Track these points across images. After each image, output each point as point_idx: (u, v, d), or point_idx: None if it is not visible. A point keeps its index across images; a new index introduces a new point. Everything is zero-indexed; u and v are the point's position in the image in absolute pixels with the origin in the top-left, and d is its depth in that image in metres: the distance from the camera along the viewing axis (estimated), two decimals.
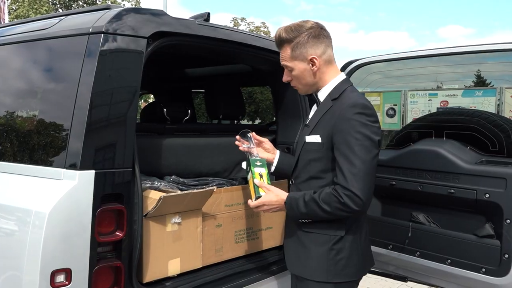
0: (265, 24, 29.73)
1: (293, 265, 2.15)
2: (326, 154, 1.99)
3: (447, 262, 2.58)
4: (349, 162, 1.88)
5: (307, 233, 2.06)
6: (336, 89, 2.07)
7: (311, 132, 2.07)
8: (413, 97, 10.28)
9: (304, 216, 2.01)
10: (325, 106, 2.06)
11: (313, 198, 1.94)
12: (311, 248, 2.05)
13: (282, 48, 2.07)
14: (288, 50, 2.05)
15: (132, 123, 1.99)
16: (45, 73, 2.23)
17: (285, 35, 2.04)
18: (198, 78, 4.23)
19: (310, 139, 2.05)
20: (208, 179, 2.77)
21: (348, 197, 1.87)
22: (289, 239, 2.18)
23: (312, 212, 1.96)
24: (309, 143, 2.06)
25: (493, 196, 2.41)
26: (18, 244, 1.85)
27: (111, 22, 1.96)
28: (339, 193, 1.88)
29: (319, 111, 2.08)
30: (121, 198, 1.95)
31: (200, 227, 2.43)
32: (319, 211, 1.94)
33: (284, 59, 2.08)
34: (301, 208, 1.98)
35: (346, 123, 1.92)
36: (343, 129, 1.92)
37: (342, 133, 1.92)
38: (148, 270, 2.19)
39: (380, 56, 3.25)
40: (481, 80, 9.62)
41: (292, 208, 2.02)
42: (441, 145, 2.71)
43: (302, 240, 2.08)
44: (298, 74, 2.08)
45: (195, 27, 2.32)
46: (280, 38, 2.05)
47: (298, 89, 2.16)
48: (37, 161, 2.06)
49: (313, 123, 2.09)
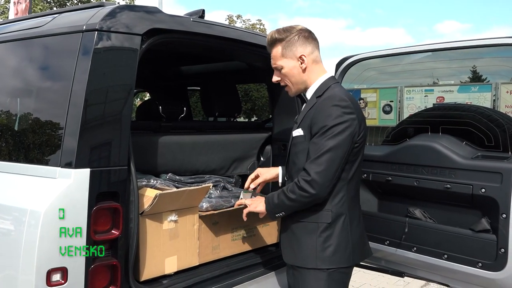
0: (261, 21, 29.69)
1: (287, 255, 2.23)
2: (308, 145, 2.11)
3: (443, 257, 2.59)
4: (316, 149, 2.02)
5: (297, 223, 2.16)
6: (321, 87, 2.19)
7: (297, 127, 2.19)
8: (409, 93, 10.27)
9: (278, 208, 2.14)
10: (310, 103, 2.18)
11: (283, 189, 2.11)
12: (301, 236, 2.14)
13: (273, 47, 2.19)
14: (279, 49, 2.17)
15: (127, 121, 1.98)
16: (39, 72, 2.22)
17: (277, 35, 2.17)
18: (193, 76, 4.22)
19: (296, 133, 2.18)
20: (205, 177, 2.77)
21: (305, 181, 2.01)
22: (283, 232, 2.27)
23: (282, 202, 2.10)
24: (295, 137, 2.18)
25: (489, 191, 2.41)
26: (13, 244, 1.84)
27: (105, 19, 1.95)
28: (299, 178, 2.04)
29: (305, 109, 2.20)
30: (117, 196, 1.94)
31: (196, 224, 2.43)
32: (286, 200, 2.08)
33: (275, 59, 2.20)
34: (274, 200, 2.14)
35: (322, 114, 2.06)
36: (318, 120, 2.06)
37: (317, 124, 2.05)
38: (145, 268, 2.19)
39: (376, 52, 3.24)
40: (477, 76, 9.63)
41: (268, 202, 2.18)
42: (437, 140, 2.71)
43: (293, 230, 2.18)
44: (287, 72, 2.18)
45: (189, 24, 2.31)
46: (272, 38, 2.18)
47: (288, 90, 2.26)
48: (32, 160, 2.06)
49: (299, 119, 2.20)
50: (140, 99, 9.39)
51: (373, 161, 2.88)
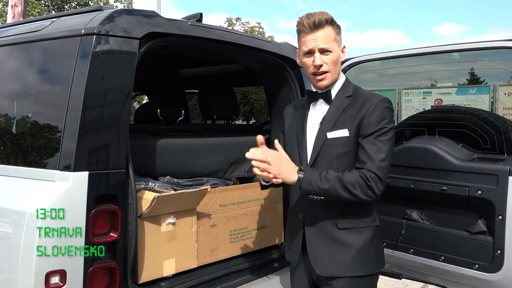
0: (260, 24, 29.78)
1: (328, 267, 2.05)
2: (353, 147, 2.02)
3: (440, 259, 2.60)
4: (378, 149, 1.97)
5: (345, 230, 2.03)
6: (347, 86, 2.13)
7: (332, 128, 2.04)
8: (407, 95, 10.33)
9: (320, 193, 1.94)
10: (341, 103, 2.08)
11: (338, 176, 1.94)
12: (353, 244, 2.03)
13: (325, 27, 2.01)
14: (332, 31, 2.03)
15: (125, 124, 1.99)
16: (37, 75, 2.23)
17: (330, 16, 2.02)
18: (191, 79, 4.23)
19: (334, 134, 2.03)
20: (203, 179, 2.78)
21: (374, 181, 1.94)
22: (319, 243, 2.07)
23: (333, 189, 1.92)
24: (333, 139, 2.03)
25: (485, 193, 2.43)
26: (12, 246, 1.85)
27: (103, 23, 1.96)
28: (367, 176, 1.94)
29: (335, 108, 2.08)
30: (115, 199, 1.95)
31: (195, 227, 2.43)
32: (341, 191, 1.93)
33: (326, 40, 2.01)
34: (321, 183, 1.92)
35: (376, 115, 2.00)
36: (374, 121, 1.99)
37: (373, 125, 1.99)
38: (143, 270, 2.20)
39: (374, 54, 3.25)
40: (475, 78, 9.66)
41: (309, 181, 1.93)
42: (433, 142, 2.72)
43: (340, 238, 2.03)
44: (334, 58, 2.05)
45: (187, 28, 2.32)
46: (327, 17, 2.01)
47: (325, 79, 2.06)
48: (31, 163, 2.07)
49: (330, 120, 2.06)
50: (138, 102, 9.39)
51: None
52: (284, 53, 2.86)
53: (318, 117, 2.12)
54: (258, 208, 2.81)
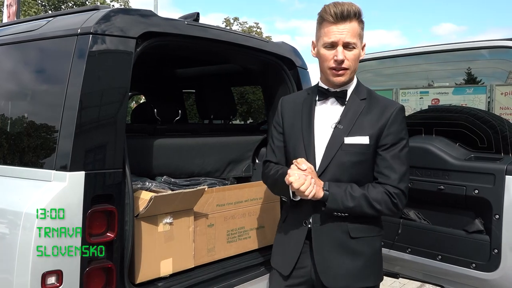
0: (258, 24, 29.79)
1: (338, 279, 1.94)
2: (372, 156, 1.94)
3: (437, 258, 2.60)
4: (401, 162, 1.92)
5: (358, 239, 1.95)
6: (360, 88, 2.03)
7: (349, 133, 1.93)
8: (404, 95, 10.33)
9: (345, 210, 1.88)
10: (357, 106, 1.97)
11: (364, 194, 1.88)
12: (363, 254, 1.96)
13: (350, 21, 1.88)
14: (357, 27, 1.91)
15: (122, 123, 1.98)
16: (34, 75, 2.22)
17: (359, 9, 1.89)
18: (188, 78, 4.23)
19: (352, 140, 1.92)
20: (200, 179, 2.78)
21: (398, 198, 1.90)
22: (330, 253, 1.95)
23: (359, 208, 1.87)
24: (351, 144, 1.92)
25: (482, 192, 2.43)
26: (8, 247, 1.84)
27: (99, 23, 1.95)
28: (391, 193, 1.89)
29: (352, 111, 1.97)
30: (112, 199, 1.95)
31: (192, 227, 2.43)
32: (367, 208, 1.88)
33: (352, 34, 1.88)
34: (347, 201, 1.86)
35: (397, 125, 1.94)
36: (395, 131, 1.93)
37: (394, 135, 1.92)
38: (140, 270, 2.19)
39: (371, 54, 3.25)
40: (472, 78, 9.67)
41: (335, 199, 1.86)
42: (430, 142, 2.73)
43: (352, 248, 1.95)
44: (356, 54, 1.93)
45: (184, 27, 2.32)
46: (354, 9, 1.88)
47: (344, 76, 1.93)
48: (27, 163, 2.06)
49: (348, 123, 1.94)
50: (136, 102, 9.38)
51: None
52: (282, 53, 2.86)
53: (329, 118, 1.99)
54: (255, 208, 2.80)
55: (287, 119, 2.11)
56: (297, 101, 2.13)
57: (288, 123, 2.10)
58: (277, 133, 2.15)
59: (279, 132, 2.14)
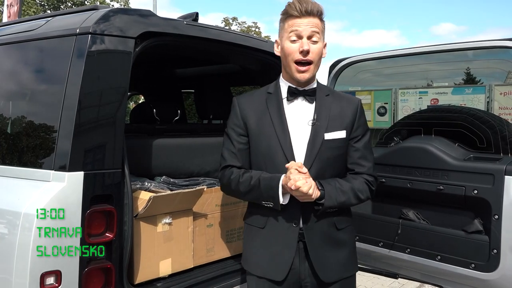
0: (257, 24, 29.84)
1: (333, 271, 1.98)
2: (346, 148, 2.04)
3: (437, 258, 2.60)
4: (370, 152, 2.09)
5: (342, 230, 2.03)
6: (322, 86, 2.11)
7: (327, 128, 1.97)
8: (403, 95, 10.30)
9: (338, 205, 1.94)
10: (326, 102, 2.02)
11: (351, 187, 1.97)
12: (347, 243, 2.05)
13: (313, 17, 1.93)
14: (319, 23, 1.96)
15: (121, 123, 1.98)
16: (32, 75, 2.22)
17: (322, 8, 1.95)
18: (187, 78, 4.23)
19: (332, 135, 1.97)
20: (199, 179, 2.77)
21: (374, 185, 2.06)
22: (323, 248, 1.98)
23: (348, 201, 1.96)
24: (331, 140, 1.96)
25: (481, 192, 2.43)
26: (7, 247, 1.84)
27: (98, 23, 1.95)
28: (369, 181, 2.03)
29: (323, 107, 2.00)
30: (111, 199, 1.95)
31: (191, 227, 2.43)
32: (353, 200, 1.99)
33: (316, 27, 1.93)
34: (339, 197, 1.92)
35: (363, 117, 2.10)
36: (363, 123, 2.08)
37: (363, 126, 2.07)
38: (139, 271, 2.19)
39: (370, 54, 3.25)
40: (471, 78, 9.67)
41: (330, 197, 1.90)
42: (430, 142, 2.73)
43: (339, 239, 2.01)
44: (320, 50, 1.97)
45: (183, 27, 2.32)
46: (317, 8, 1.93)
47: (307, 72, 1.95)
48: (26, 163, 2.05)
49: (324, 119, 1.98)
50: (134, 102, 9.38)
51: None
52: None
53: (302, 116, 2.00)
54: None
55: (250, 120, 2.04)
56: (256, 100, 2.09)
57: (254, 124, 2.03)
58: (236, 135, 2.06)
59: (239, 134, 2.06)
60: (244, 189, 1.99)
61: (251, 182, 1.95)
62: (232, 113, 2.11)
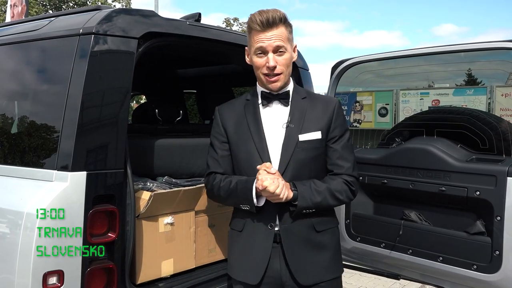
0: None
1: (310, 275, 1.95)
2: (323, 150, 2.01)
3: (439, 259, 2.60)
4: (350, 152, 2.04)
5: (323, 232, 1.99)
6: (298, 89, 2.10)
7: (301, 130, 1.97)
8: (405, 96, 10.30)
9: (314, 206, 1.91)
10: (301, 104, 2.02)
11: (327, 187, 1.94)
12: (329, 245, 2.01)
13: (276, 27, 1.91)
14: (285, 31, 1.94)
15: (123, 124, 1.98)
16: (35, 75, 2.22)
17: (283, 14, 1.93)
18: (190, 79, 4.23)
19: (306, 137, 1.96)
20: (201, 180, 2.76)
21: (355, 184, 2.01)
22: (300, 251, 1.96)
23: (325, 201, 1.93)
24: (305, 141, 1.96)
25: (484, 194, 2.43)
26: (10, 247, 1.84)
27: (101, 23, 1.96)
28: (349, 181, 1.99)
29: (297, 110, 2.01)
30: (113, 199, 1.95)
31: (193, 227, 2.43)
32: (331, 201, 1.95)
33: (280, 39, 1.91)
34: (314, 197, 1.90)
35: (341, 118, 2.05)
36: (340, 123, 2.04)
37: (341, 127, 2.03)
38: (141, 271, 2.19)
39: (372, 55, 3.25)
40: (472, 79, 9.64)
41: (304, 197, 1.88)
42: (432, 143, 2.72)
43: (318, 241, 1.98)
44: (288, 59, 1.96)
45: (186, 28, 2.32)
46: (278, 15, 1.91)
47: (278, 81, 1.96)
48: (28, 163, 2.06)
49: (297, 121, 1.98)
50: (136, 102, 9.38)
51: (369, 164, 2.89)
52: None
53: (277, 119, 2.01)
54: None
55: (230, 127, 2.08)
56: (236, 108, 2.12)
57: (232, 131, 2.07)
58: (219, 142, 2.10)
59: (221, 141, 2.09)
60: (224, 193, 2.01)
61: (230, 186, 1.98)
62: (214, 121, 2.15)
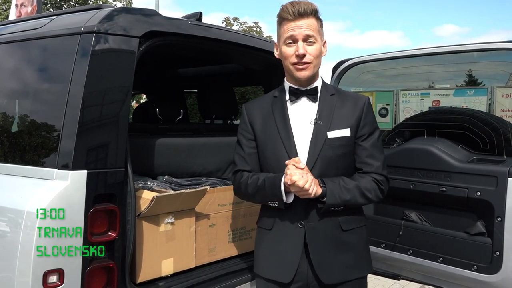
0: (258, 24, 29.90)
1: (335, 274, 1.95)
2: (352, 148, 2.00)
3: (439, 260, 2.60)
4: (379, 150, 2.03)
5: (350, 231, 1.98)
6: (327, 85, 2.09)
7: (330, 127, 1.96)
8: (405, 96, 10.31)
9: (342, 204, 1.90)
10: (330, 101, 2.01)
11: (356, 185, 1.93)
12: (356, 245, 2.00)
13: (307, 17, 1.92)
14: (316, 22, 1.95)
15: (124, 123, 1.98)
16: (36, 73, 2.22)
17: (315, 7, 1.94)
18: (190, 78, 4.23)
19: (335, 134, 1.95)
20: (201, 179, 2.77)
21: (384, 184, 1.99)
22: (325, 249, 1.95)
23: (354, 199, 1.92)
24: (334, 138, 1.95)
25: (484, 194, 2.43)
26: (10, 245, 1.84)
27: (102, 22, 1.95)
28: (378, 180, 1.97)
29: (326, 106, 2.00)
30: (114, 198, 1.95)
31: (193, 227, 2.43)
32: (360, 199, 1.94)
33: (310, 28, 1.92)
34: (343, 195, 1.89)
35: (371, 115, 2.04)
36: (370, 121, 2.02)
37: (370, 125, 2.02)
38: (141, 270, 2.19)
39: (372, 55, 3.26)
40: (473, 80, 9.65)
41: (333, 194, 1.88)
42: (433, 143, 2.72)
43: (345, 241, 1.97)
44: (319, 50, 1.97)
45: (187, 27, 2.32)
46: (310, 7, 1.92)
47: (307, 70, 1.95)
48: (29, 162, 2.05)
49: (326, 118, 1.97)
50: (137, 101, 9.38)
51: None
52: None
53: (305, 115, 2.01)
54: (256, 208, 2.78)
55: (257, 124, 2.08)
56: (264, 105, 2.12)
57: (260, 128, 2.07)
58: (246, 140, 2.11)
59: (248, 139, 2.10)
60: (252, 190, 2.02)
61: (257, 183, 1.98)
62: (241, 119, 2.17)
